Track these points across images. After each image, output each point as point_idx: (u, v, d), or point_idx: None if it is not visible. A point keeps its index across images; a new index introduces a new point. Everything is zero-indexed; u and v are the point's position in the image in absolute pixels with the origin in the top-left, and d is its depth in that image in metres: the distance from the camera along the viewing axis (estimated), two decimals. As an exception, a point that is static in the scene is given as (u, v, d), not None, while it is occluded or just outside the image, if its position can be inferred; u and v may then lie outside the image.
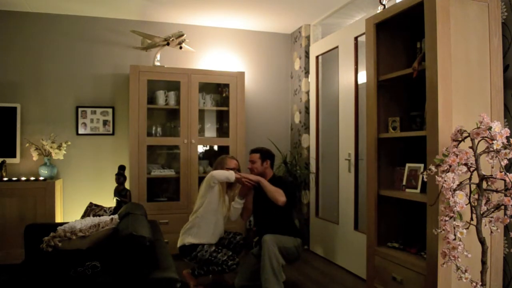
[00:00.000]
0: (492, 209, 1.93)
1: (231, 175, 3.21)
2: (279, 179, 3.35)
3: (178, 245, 3.27)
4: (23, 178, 4.02)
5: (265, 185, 3.19)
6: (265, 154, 3.38)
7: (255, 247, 3.39)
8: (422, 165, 2.54)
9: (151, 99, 4.33)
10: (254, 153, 3.38)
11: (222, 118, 4.76)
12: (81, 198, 4.31)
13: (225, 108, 4.54)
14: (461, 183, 1.87)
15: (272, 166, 3.44)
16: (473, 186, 1.92)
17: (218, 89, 4.67)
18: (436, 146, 2.16)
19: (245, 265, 3.32)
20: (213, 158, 4.32)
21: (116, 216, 2.69)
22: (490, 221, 1.93)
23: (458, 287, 2.16)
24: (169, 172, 4.37)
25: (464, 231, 1.86)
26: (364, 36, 3.05)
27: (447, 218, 1.87)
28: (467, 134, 1.91)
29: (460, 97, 2.24)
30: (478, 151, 1.89)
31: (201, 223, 3.23)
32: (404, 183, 2.64)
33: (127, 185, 4.06)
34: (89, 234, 2.45)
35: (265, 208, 3.29)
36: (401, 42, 2.80)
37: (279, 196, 3.13)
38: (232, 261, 3.12)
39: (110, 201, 4.16)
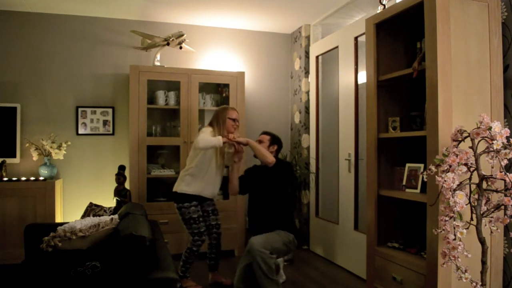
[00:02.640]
0: (492, 209, 1.93)
1: (218, 141, 3.15)
2: (280, 162, 3.31)
3: (173, 189, 3.36)
4: (23, 178, 4.02)
5: (254, 146, 3.23)
6: (275, 139, 3.38)
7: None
8: (422, 165, 2.54)
9: (151, 99, 4.33)
10: (265, 135, 3.38)
11: (222, 118, 4.74)
12: (81, 198, 4.31)
13: (225, 108, 4.53)
14: (461, 183, 1.87)
15: (277, 154, 3.40)
16: (473, 186, 1.92)
17: (218, 89, 4.66)
18: (436, 146, 2.16)
19: (241, 265, 3.29)
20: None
21: (116, 216, 2.69)
22: (490, 221, 1.93)
23: (458, 287, 2.16)
24: (169, 172, 4.37)
25: (464, 231, 1.86)
26: (364, 36, 3.05)
27: (447, 218, 1.87)
28: (467, 134, 1.91)
29: (460, 97, 2.24)
30: (478, 151, 1.89)
31: (195, 172, 3.29)
32: (404, 183, 2.64)
33: (127, 185, 4.06)
34: (89, 234, 2.45)
35: (259, 201, 3.26)
36: (401, 42, 2.80)
37: (268, 154, 3.19)
38: (198, 237, 3.23)
39: (110, 201, 4.16)
